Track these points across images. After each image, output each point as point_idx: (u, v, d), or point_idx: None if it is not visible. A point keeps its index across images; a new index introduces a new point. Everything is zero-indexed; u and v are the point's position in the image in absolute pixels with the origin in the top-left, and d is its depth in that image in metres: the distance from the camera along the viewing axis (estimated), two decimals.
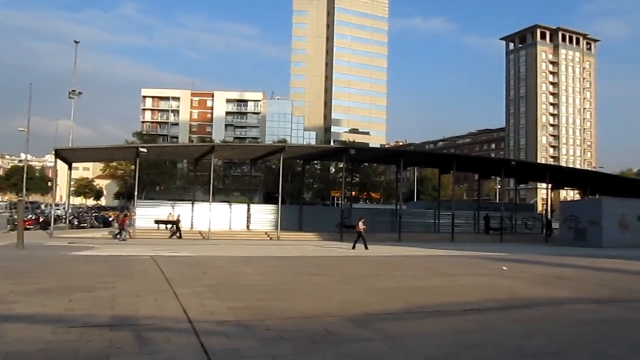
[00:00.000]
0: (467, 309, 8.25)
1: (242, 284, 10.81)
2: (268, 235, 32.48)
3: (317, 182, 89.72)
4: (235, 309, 7.74)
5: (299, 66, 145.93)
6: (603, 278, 13.91)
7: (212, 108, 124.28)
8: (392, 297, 9.54)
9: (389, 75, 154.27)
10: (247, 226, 34.75)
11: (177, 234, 30.02)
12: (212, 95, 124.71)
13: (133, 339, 5.80)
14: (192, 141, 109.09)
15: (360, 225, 24.64)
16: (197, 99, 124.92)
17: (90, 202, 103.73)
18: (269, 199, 71.44)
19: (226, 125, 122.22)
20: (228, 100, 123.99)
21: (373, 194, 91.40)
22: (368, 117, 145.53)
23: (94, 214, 43.18)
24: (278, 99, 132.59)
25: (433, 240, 33.76)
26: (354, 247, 23.96)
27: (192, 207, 34.40)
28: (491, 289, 10.97)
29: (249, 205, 36.67)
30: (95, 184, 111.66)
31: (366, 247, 23.85)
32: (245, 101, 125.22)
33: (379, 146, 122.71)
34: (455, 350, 5.75)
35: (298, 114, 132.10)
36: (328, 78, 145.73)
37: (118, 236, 27.42)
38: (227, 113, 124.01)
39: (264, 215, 35.81)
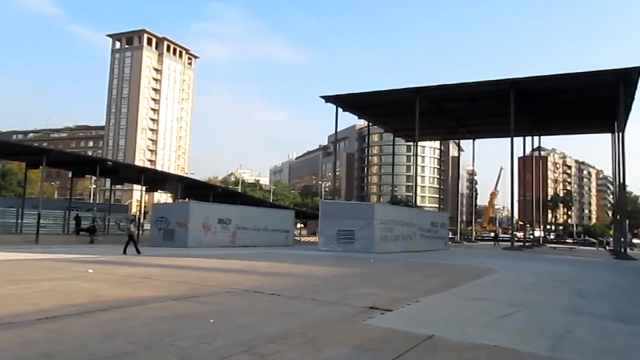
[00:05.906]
0: (41, 318, 7.56)
1: None
2: None
3: None
4: None
5: None
6: (184, 276, 15.03)
7: None
8: None
9: None
10: None
11: None
12: None
13: None
14: None
15: (132, 228, 24.72)
16: None
17: None
18: None
19: None
20: None
21: None
22: None
23: None
24: None
25: (13, 242, 30.44)
26: (124, 252, 22.48)
27: None
28: (72, 294, 10.41)
29: None
30: None
31: (138, 252, 22.76)
32: None
33: None
34: None
35: None
36: None
37: None
38: None
39: None
